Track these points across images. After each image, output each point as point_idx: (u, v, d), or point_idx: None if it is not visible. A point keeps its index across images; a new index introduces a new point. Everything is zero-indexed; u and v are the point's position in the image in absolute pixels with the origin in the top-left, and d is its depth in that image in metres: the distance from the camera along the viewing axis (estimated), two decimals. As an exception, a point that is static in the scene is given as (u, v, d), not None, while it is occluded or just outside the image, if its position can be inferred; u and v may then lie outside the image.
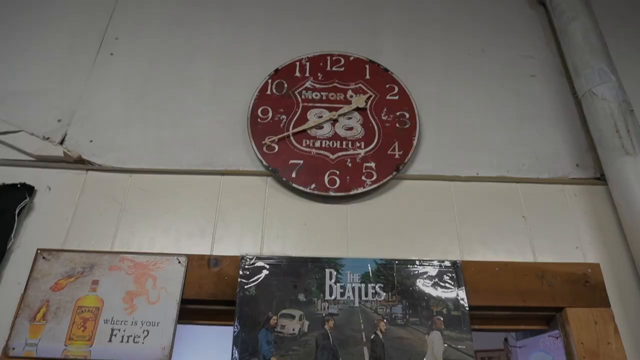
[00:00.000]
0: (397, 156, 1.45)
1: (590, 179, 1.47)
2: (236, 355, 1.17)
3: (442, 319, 1.22)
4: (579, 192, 1.46)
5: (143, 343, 1.19)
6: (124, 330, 1.21)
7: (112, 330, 1.21)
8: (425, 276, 1.27)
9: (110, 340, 1.19)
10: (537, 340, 1.37)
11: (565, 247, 1.37)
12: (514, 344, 1.48)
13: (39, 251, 1.31)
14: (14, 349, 1.18)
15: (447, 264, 1.29)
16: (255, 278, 1.25)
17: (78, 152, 1.46)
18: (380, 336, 1.19)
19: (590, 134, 1.51)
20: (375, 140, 1.47)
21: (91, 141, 1.50)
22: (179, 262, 1.29)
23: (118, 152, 1.48)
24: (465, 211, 1.41)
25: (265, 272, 1.26)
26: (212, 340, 3.30)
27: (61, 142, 1.48)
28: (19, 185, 1.40)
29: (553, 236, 1.38)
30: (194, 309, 1.27)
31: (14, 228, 1.34)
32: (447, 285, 1.26)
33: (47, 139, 1.49)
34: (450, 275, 1.28)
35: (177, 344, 1.19)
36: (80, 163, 1.46)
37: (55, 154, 1.44)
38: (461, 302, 1.24)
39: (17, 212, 1.36)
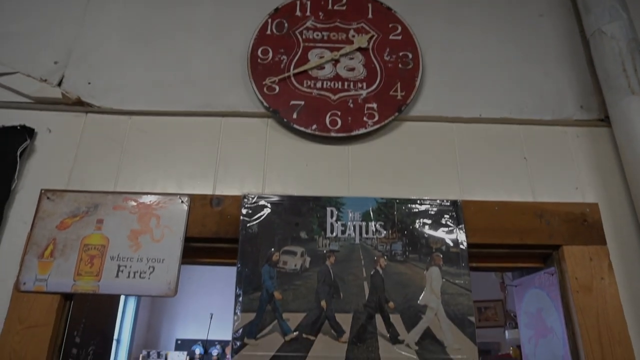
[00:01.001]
0: (399, 97, 1.43)
1: (593, 120, 1.46)
2: (239, 290, 1.21)
3: (440, 255, 1.25)
4: (581, 134, 1.45)
5: (149, 279, 1.23)
6: (130, 267, 1.24)
7: (119, 266, 1.24)
8: (425, 215, 1.29)
9: (117, 276, 1.23)
10: (532, 278, 1.40)
11: (565, 187, 1.38)
12: (510, 283, 1.51)
13: (43, 191, 1.32)
14: (24, 284, 1.22)
15: (447, 203, 1.30)
16: (258, 216, 1.27)
17: (76, 94, 1.44)
18: (380, 272, 1.22)
19: (596, 76, 1.48)
20: (378, 81, 1.45)
21: (89, 83, 1.47)
22: (182, 201, 1.31)
23: (117, 93, 1.46)
24: (466, 152, 1.41)
25: (267, 210, 1.28)
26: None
27: (59, 84, 1.46)
28: (18, 127, 1.39)
29: (553, 177, 1.39)
30: (198, 247, 1.30)
31: (17, 169, 1.35)
32: (446, 223, 1.28)
33: (45, 81, 1.46)
34: (450, 214, 1.29)
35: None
36: (79, 105, 1.44)
37: (54, 96, 1.43)
38: (460, 239, 1.27)
39: (18, 153, 1.36)
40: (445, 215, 1.29)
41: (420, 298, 1.20)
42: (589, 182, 1.38)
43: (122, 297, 5.42)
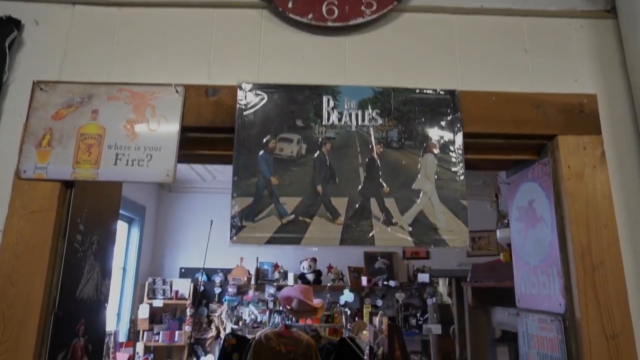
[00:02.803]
0: (398, -15, 1.37)
1: (599, 11, 1.41)
2: (236, 177, 1.23)
3: (436, 143, 1.25)
4: (585, 25, 1.40)
5: (147, 166, 1.24)
6: (128, 155, 1.25)
7: (117, 154, 1.25)
8: (422, 103, 1.28)
9: (115, 164, 1.24)
10: (526, 172, 1.42)
11: (565, 79, 1.36)
12: (504, 181, 1.54)
13: (35, 82, 1.30)
14: (25, 171, 1.23)
15: (445, 92, 1.29)
16: (253, 105, 1.26)
17: (61, -18, 1.38)
18: (376, 158, 1.24)
19: (606, -37, 1.42)
20: (376, -32, 1.38)
21: (74, -28, 1.41)
22: (177, 91, 1.29)
23: (104, -17, 1.40)
24: (466, 44, 1.37)
25: (263, 99, 1.27)
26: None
27: (41, -28, 1.39)
28: (4, 18, 1.35)
29: (553, 69, 1.37)
30: (195, 138, 1.30)
31: (7, 61, 1.32)
32: (443, 112, 1.28)
33: (25, -32, 1.40)
34: (447, 103, 1.28)
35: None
36: (65, -5, 1.38)
37: (36, -17, 1.37)
38: (456, 128, 1.27)
39: (7, 44, 1.32)
40: (442, 104, 1.28)
41: (415, 183, 1.23)
42: (589, 74, 1.37)
43: (126, 227, 5.57)
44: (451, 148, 1.25)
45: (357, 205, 1.21)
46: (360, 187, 1.22)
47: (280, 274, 5.61)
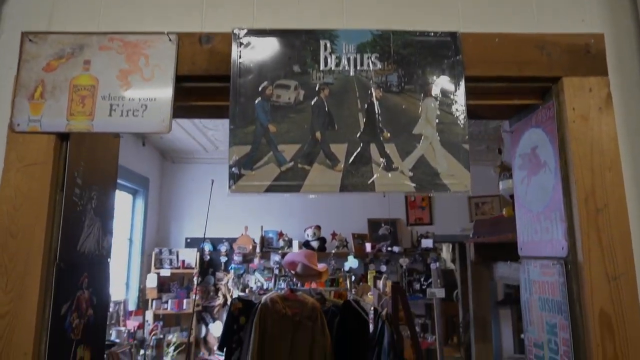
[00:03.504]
0: None
1: (608, -54, 1.34)
2: (233, 126, 1.20)
3: (437, 86, 1.22)
4: (594, -38, 1.34)
5: (142, 116, 1.22)
6: (123, 106, 1.22)
7: (111, 105, 1.23)
8: (422, 46, 1.24)
9: (110, 115, 1.22)
10: (529, 119, 1.39)
11: (572, 20, 1.31)
12: (507, 130, 1.51)
13: (24, 33, 1.27)
14: (18, 125, 1.22)
15: (446, 34, 1.25)
16: (249, 52, 1.22)
17: None
18: (375, 103, 1.21)
19: None
20: None
21: None
22: (170, 39, 1.26)
23: None
24: (468, -16, 1.32)
25: (258, 45, 1.23)
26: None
27: None
28: (-12, -32, 1.30)
29: (560, 9, 1.31)
30: (190, 87, 1.27)
31: (-6, 13, 1.28)
32: (444, 54, 1.24)
33: None
34: (448, 45, 1.24)
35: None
36: (50, -57, 1.33)
37: None
38: (457, 71, 1.23)
39: (-7, -4, 1.29)
40: (443, 47, 1.24)
41: (415, 128, 1.20)
42: (597, 13, 1.31)
43: (130, 199, 5.59)
44: (453, 92, 1.22)
45: (356, 152, 1.19)
46: (359, 133, 1.19)
47: (285, 241, 5.65)
